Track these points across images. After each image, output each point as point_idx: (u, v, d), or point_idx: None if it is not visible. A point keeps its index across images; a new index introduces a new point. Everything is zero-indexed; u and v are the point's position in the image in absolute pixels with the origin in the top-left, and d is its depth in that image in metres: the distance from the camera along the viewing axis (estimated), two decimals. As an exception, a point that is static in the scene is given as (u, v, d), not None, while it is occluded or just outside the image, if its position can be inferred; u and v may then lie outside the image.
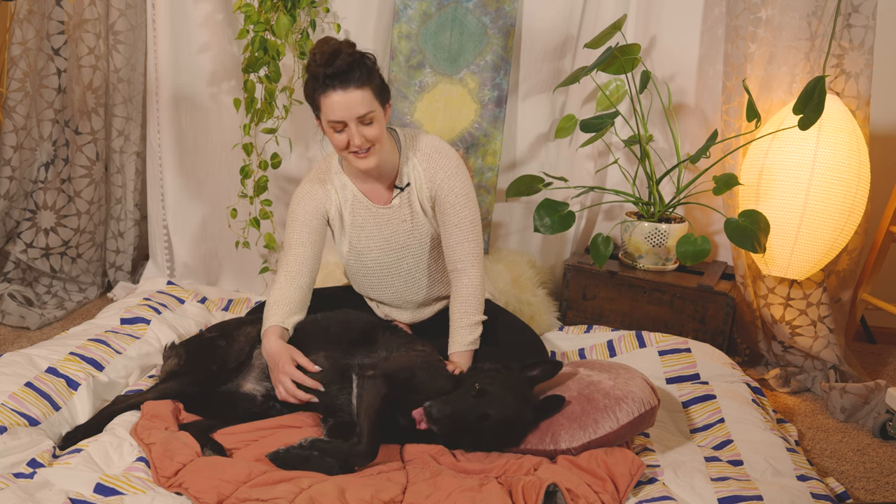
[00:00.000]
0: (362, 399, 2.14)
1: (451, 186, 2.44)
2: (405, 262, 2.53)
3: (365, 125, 2.30)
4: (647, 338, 2.82)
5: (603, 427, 2.15)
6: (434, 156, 2.46)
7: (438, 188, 2.45)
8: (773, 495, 1.98)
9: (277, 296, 2.40)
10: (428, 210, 2.49)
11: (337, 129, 2.30)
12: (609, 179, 3.33)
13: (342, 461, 2.04)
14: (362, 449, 2.05)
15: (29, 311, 3.15)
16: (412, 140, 2.49)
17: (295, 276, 2.42)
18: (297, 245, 2.45)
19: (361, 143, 2.30)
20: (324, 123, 2.33)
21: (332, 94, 2.26)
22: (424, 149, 2.48)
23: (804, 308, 3.03)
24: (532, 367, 2.24)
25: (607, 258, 3.01)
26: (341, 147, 2.32)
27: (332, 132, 2.32)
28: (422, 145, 2.49)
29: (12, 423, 2.09)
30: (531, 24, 3.16)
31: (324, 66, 2.25)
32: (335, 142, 2.33)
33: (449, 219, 2.45)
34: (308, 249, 2.45)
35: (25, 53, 3.12)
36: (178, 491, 1.93)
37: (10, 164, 3.19)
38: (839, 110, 2.87)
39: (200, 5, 3.19)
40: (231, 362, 2.35)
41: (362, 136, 2.30)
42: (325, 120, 2.31)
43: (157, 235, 3.45)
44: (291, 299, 2.40)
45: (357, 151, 2.32)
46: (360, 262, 2.54)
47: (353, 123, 2.28)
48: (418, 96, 3.23)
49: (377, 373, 2.18)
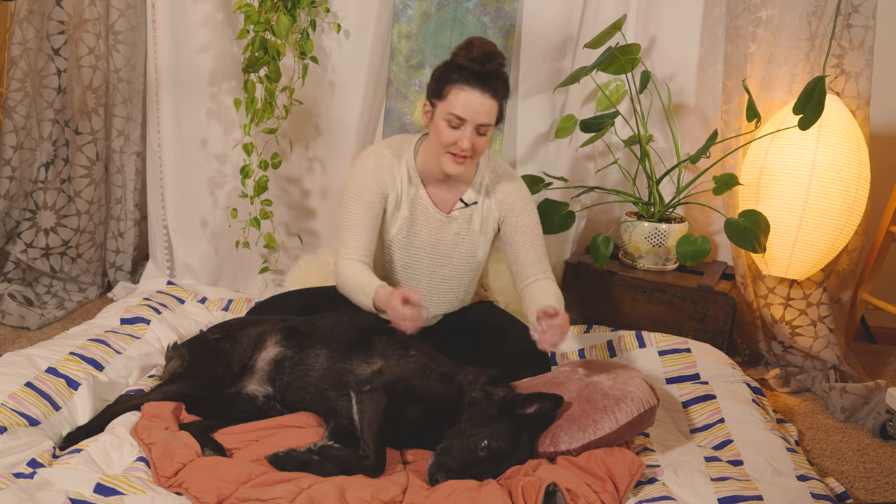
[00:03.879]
0: (363, 415, 2.13)
1: (524, 208, 2.50)
2: (442, 270, 2.52)
3: (479, 135, 2.30)
4: (647, 338, 2.82)
5: (602, 428, 2.15)
6: (510, 180, 2.51)
7: (510, 210, 2.49)
8: (773, 495, 1.98)
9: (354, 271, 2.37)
10: (488, 231, 2.51)
11: (453, 124, 2.28)
12: (609, 179, 3.33)
13: (349, 472, 2.01)
14: (370, 464, 2.04)
15: (29, 311, 3.15)
16: (490, 161, 2.53)
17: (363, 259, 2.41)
18: (361, 227, 2.41)
19: (468, 148, 2.29)
20: (439, 112, 2.31)
21: (469, 90, 2.25)
22: (501, 172, 2.53)
23: (804, 308, 3.03)
24: (531, 403, 2.15)
25: (607, 258, 3.01)
26: (447, 143, 2.31)
27: (445, 125, 2.29)
28: (499, 168, 2.53)
29: (12, 423, 2.08)
30: (531, 24, 3.16)
31: (476, 62, 2.24)
32: (444, 136, 2.30)
33: (525, 237, 2.48)
34: (372, 234, 2.43)
35: (25, 53, 3.12)
36: (178, 491, 1.93)
37: (10, 164, 3.19)
38: (839, 110, 2.87)
39: (200, 5, 3.19)
40: (235, 365, 2.34)
41: (472, 142, 2.29)
42: (445, 110, 2.28)
43: (157, 235, 3.45)
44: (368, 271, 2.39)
45: (457, 154, 2.31)
46: (399, 252, 2.53)
47: (471, 127, 2.27)
48: (418, 96, 3.23)
49: (374, 387, 2.17)
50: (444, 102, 2.28)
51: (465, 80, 2.25)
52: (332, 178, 3.37)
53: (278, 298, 2.80)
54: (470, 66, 2.24)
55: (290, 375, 2.34)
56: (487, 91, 2.26)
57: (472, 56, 2.24)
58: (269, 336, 2.40)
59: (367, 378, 2.23)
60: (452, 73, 2.27)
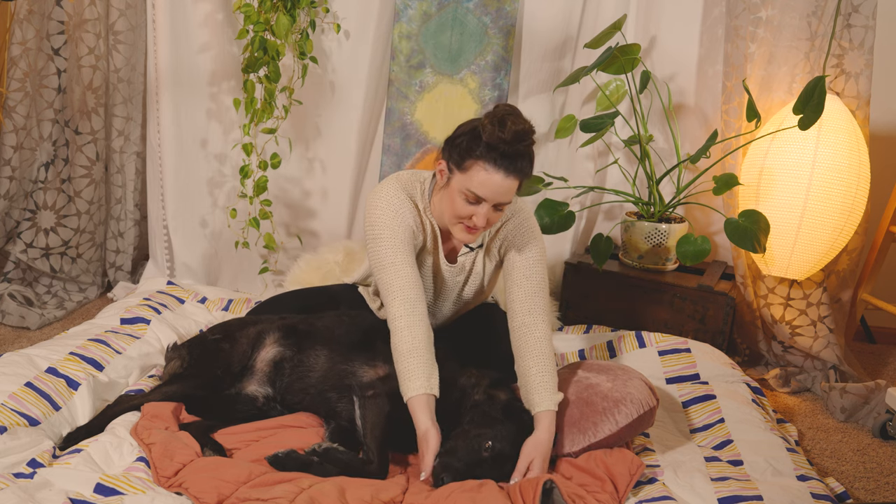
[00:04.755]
0: (367, 420, 2.11)
1: (526, 242, 2.31)
2: (444, 305, 2.49)
3: (496, 210, 2.15)
4: (647, 338, 2.82)
5: (602, 430, 2.15)
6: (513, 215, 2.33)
7: (511, 243, 2.31)
8: (773, 495, 1.98)
9: (409, 339, 2.12)
10: (489, 266, 2.39)
11: (471, 200, 2.12)
12: (609, 179, 3.33)
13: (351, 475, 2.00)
14: (374, 469, 2.03)
15: (29, 311, 3.15)
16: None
17: (417, 304, 2.17)
18: (404, 265, 2.19)
19: (483, 225, 2.15)
20: (457, 183, 2.13)
21: (492, 170, 2.08)
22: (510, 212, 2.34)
23: (804, 308, 3.03)
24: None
25: (607, 258, 3.01)
26: (461, 215, 2.15)
27: (461, 199, 2.13)
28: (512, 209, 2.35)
29: (12, 423, 2.08)
30: (531, 24, 3.16)
31: (508, 143, 2.05)
32: (458, 208, 2.14)
33: (520, 272, 2.29)
34: (416, 270, 2.22)
35: (25, 53, 3.12)
36: (178, 491, 1.93)
37: (10, 164, 3.19)
38: (839, 110, 2.87)
39: (200, 5, 3.19)
40: (235, 366, 2.35)
41: (487, 219, 2.14)
42: (463, 185, 2.11)
43: (157, 235, 3.45)
44: (425, 343, 2.14)
45: (470, 226, 2.17)
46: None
47: (489, 205, 2.12)
48: (419, 96, 3.23)
49: (378, 392, 2.16)
50: (464, 176, 2.11)
51: (490, 160, 2.07)
52: (332, 178, 3.37)
53: (278, 299, 2.80)
54: (501, 147, 2.06)
55: (289, 377, 2.34)
56: (512, 173, 2.09)
57: (505, 138, 2.05)
58: (268, 335, 2.40)
59: (371, 383, 2.22)
60: (478, 149, 2.08)
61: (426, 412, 2.06)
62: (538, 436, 2.10)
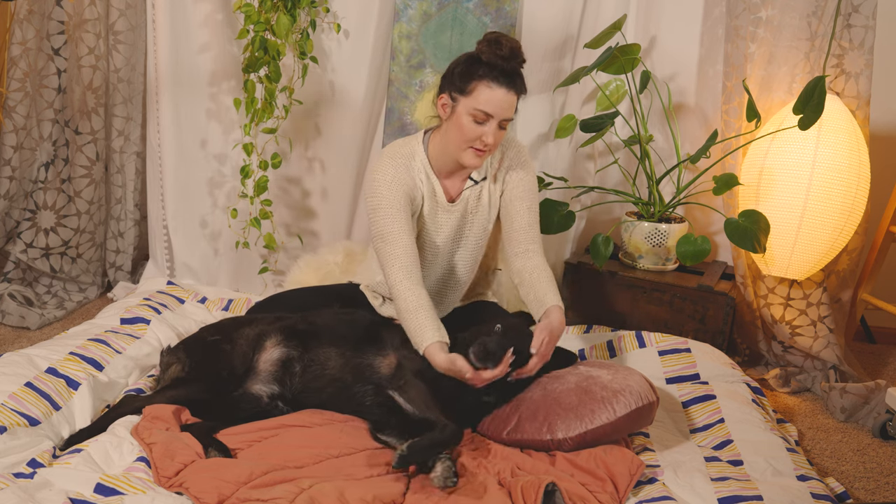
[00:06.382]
0: (415, 401, 2.18)
1: (525, 174, 2.49)
2: (457, 253, 2.54)
3: (501, 128, 2.32)
4: (646, 338, 2.82)
5: (599, 418, 2.14)
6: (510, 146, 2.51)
7: (509, 177, 2.48)
8: (773, 495, 1.98)
9: (413, 299, 2.26)
10: (494, 201, 2.51)
11: (479, 119, 2.28)
12: (609, 179, 3.33)
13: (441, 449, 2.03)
14: (452, 428, 2.06)
15: (29, 311, 3.15)
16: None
17: (413, 270, 2.31)
18: (401, 233, 2.33)
19: (493, 142, 2.30)
20: (463, 108, 2.30)
21: (496, 87, 2.26)
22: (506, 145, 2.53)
23: (804, 308, 3.03)
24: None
25: (607, 258, 3.01)
26: (471, 137, 2.31)
27: (470, 120, 2.29)
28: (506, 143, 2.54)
29: (12, 423, 2.09)
30: (531, 24, 3.16)
31: (505, 59, 2.24)
32: (468, 131, 2.30)
33: (522, 203, 2.47)
34: (413, 238, 2.35)
35: (25, 53, 3.12)
36: (178, 491, 1.93)
37: (10, 164, 3.19)
38: (839, 110, 2.87)
39: (200, 5, 3.19)
40: (238, 368, 2.34)
41: (495, 137, 2.30)
42: (470, 106, 2.28)
43: (157, 235, 3.45)
44: (427, 301, 2.27)
45: (480, 148, 2.32)
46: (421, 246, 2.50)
47: (496, 123, 2.29)
48: (419, 96, 3.23)
49: (407, 378, 2.23)
50: (469, 98, 2.28)
51: (492, 77, 2.26)
52: (332, 178, 3.37)
53: (277, 298, 2.80)
54: (499, 64, 2.24)
55: (302, 376, 2.34)
56: (512, 88, 2.28)
57: (502, 54, 2.24)
58: (268, 337, 2.40)
59: (394, 375, 2.28)
60: (479, 69, 2.27)
61: (443, 353, 2.19)
62: (550, 319, 2.29)
